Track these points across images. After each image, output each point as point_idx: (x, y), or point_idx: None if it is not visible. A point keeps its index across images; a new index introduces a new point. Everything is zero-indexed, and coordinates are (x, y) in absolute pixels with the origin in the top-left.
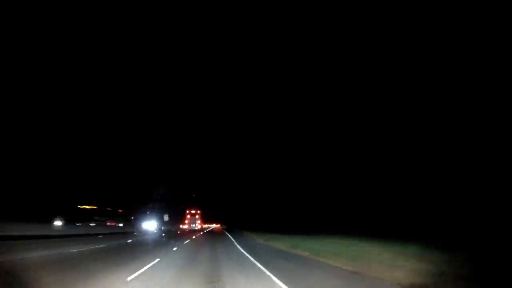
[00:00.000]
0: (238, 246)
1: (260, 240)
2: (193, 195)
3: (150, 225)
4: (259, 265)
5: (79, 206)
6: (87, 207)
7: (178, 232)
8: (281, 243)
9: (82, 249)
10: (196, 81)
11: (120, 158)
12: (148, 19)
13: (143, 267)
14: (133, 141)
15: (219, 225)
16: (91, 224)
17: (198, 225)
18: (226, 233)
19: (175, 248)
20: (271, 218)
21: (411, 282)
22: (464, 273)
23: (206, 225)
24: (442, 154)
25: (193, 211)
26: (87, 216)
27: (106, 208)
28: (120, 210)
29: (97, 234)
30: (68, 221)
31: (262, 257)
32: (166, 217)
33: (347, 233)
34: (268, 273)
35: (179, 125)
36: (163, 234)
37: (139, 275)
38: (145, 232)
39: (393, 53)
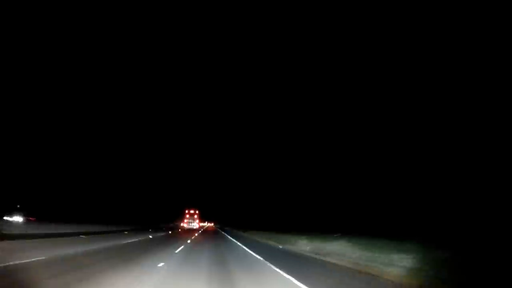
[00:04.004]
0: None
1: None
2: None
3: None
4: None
5: None
6: None
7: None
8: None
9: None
10: (192, 81)
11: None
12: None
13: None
14: (129, 147)
15: (212, 224)
16: None
17: (196, 224)
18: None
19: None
20: (258, 217)
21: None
22: (461, 272)
23: (202, 224)
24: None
25: (191, 211)
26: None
27: None
28: None
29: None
30: None
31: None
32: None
33: (320, 231)
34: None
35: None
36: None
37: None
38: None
39: (393, 53)
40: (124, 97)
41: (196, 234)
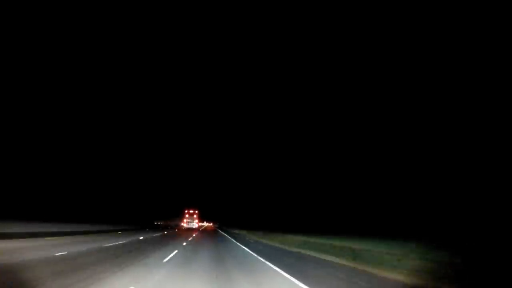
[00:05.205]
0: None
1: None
2: None
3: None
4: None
5: None
6: None
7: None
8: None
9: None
10: (192, 81)
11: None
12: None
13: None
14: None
15: (211, 224)
16: None
17: (195, 223)
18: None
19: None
20: (257, 218)
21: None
22: (464, 271)
23: (200, 223)
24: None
25: (191, 211)
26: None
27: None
28: None
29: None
30: None
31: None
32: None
33: (305, 230)
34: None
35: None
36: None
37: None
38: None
39: (393, 53)
40: (124, 98)
41: (198, 232)
